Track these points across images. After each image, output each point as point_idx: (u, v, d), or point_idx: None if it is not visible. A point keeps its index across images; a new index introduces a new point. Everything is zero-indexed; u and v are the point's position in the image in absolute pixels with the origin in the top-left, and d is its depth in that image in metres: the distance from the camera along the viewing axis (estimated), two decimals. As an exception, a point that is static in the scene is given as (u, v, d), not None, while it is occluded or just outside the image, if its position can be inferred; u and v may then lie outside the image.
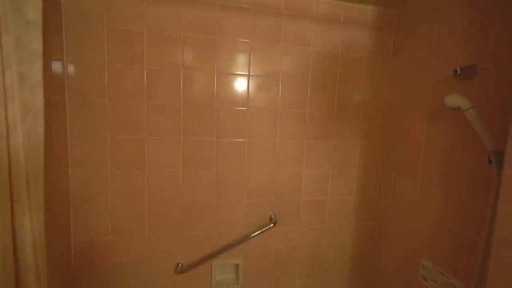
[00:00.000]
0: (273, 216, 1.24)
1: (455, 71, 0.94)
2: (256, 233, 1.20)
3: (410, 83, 1.21)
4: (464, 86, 0.95)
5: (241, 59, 1.16)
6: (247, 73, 1.17)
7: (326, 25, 1.22)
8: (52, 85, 0.94)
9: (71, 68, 1.02)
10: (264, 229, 1.20)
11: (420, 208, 1.14)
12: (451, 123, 1.00)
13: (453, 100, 0.90)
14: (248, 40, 1.15)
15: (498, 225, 0.65)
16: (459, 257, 0.96)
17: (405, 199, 1.22)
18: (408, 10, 1.22)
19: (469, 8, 0.94)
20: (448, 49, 1.02)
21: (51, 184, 0.90)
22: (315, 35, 1.21)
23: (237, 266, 1.24)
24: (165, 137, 1.13)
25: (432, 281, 1.06)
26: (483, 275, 0.82)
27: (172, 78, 1.11)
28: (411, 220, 1.18)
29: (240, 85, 1.17)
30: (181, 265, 1.18)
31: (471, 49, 0.93)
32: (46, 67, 0.84)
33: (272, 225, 1.21)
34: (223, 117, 1.17)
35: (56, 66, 0.97)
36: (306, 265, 1.35)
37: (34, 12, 0.62)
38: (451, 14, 1.01)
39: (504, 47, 0.83)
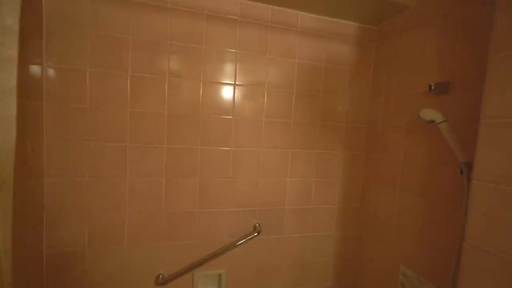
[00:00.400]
0: (257, 225, 1.24)
1: (430, 86, 0.99)
2: (240, 242, 1.19)
3: (390, 97, 1.27)
4: (439, 101, 1.00)
5: (227, 69, 1.17)
6: (233, 83, 1.18)
7: (310, 38, 1.26)
8: (29, 90, 0.90)
9: (50, 73, 0.99)
10: (248, 238, 1.19)
11: (399, 217, 1.17)
12: (427, 135, 1.05)
13: (428, 113, 0.95)
14: (234, 50, 1.17)
15: (467, 233, 0.68)
16: (435, 264, 0.99)
17: (385, 209, 1.26)
18: (387, 28, 1.29)
19: (442, 30, 1.01)
20: (424, 66, 1.08)
21: (23, 194, 0.86)
22: (300, 48, 1.25)
23: (220, 276, 1.22)
24: (149, 144, 1.11)
25: (410, 287, 1.09)
26: (456, 281, 0.86)
27: (157, 85, 1.10)
28: (391, 229, 1.21)
29: (226, 94, 1.18)
30: (162, 276, 1.14)
31: (445, 66, 0.99)
32: (23, 71, 0.81)
33: (256, 233, 1.20)
34: (208, 126, 1.17)
35: (35, 71, 0.94)
36: (290, 273, 1.35)
37: (11, 17, 0.60)
38: (426, 34, 1.08)
39: (473, 66, 0.89)
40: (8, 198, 0.67)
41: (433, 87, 0.98)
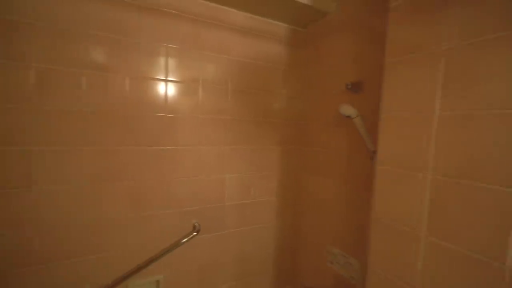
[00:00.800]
0: (196, 224, 1.21)
1: (347, 85, 1.13)
2: (179, 244, 1.14)
3: (317, 94, 1.39)
4: (355, 98, 1.15)
5: (158, 63, 1.10)
6: (165, 78, 1.12)
7: (245, 36, 1.28)
8: None
9: None
10: (187, 238, 1.16)
11: (327, 203, 1.31)
12: (347, 129, 1.18)
13: (345, 109, 1.08)
14: (165, 44, 1.11)
15: (373, 209, 0.81)
16: (356, 241, 1.14)
17: (316, 197, 1.39)
18: (313, 31, 1.41)
19: (357, 36, 1.15)
20: (343, 67, 1.22)
21: None
22: (235, 45, 1.26)
23: (158, 282, 1.16)
24: (65, 147, 0.97)
25: (336, 263, 1.23)
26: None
27: (75, 80, 0.96)
28: (321, 214, 1.35)
29: (158, 90, 1.11)
30: None
31: (359, 68, 1.14)
32: None
33: (195, 233, 1.18)
34: (140, 124, 1.08)
35: None
36: (233, 269, 1.37)
37: None
38: (344, 39, 1.22)
39: (381, 68, 1.04)
40: None
41: (349, 86, 1.12)
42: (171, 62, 1.13)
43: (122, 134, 1.05)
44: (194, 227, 1.21)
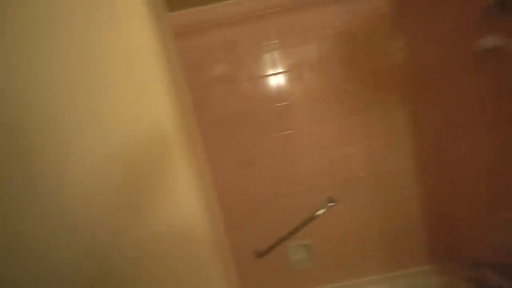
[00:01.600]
0: (332, 196, 1.32)
1: (487, 7, 0.86)
2: (318, 215, 1.29)
3: (442, 32, 1.12)
4: (500, 23, 0.87)
5: (266, 61, 1.28)
6: (274, 72, 1.28)
7: (334, 3, 1.24)
8: None
9: None
10: (325, 209, 1.29)
11: (481, 160, 1.06)
12: (492, 66, 0.92)
13: (488, 41, 0.85)
14: (267, 43, 1.26)
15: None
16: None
17: (463, 155, 1.15)
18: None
19: None
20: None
21: None
22: (327, 16, 1.24)
23: (308, 245, 1.37)
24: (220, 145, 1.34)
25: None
26: None
27: (213, 94, 1.31)
28: (477, 175, 1.11)
29: (271, 84, 1.29)
30: (258, 250, 1.34)
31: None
32: None
33: (332, 203, 1.28)
34: (264, 117, 1.30)
35: None
36: (376, 238, 1.38)
37: None
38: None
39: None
40: None
41: (491, 8, 0.85)
42: (279, 55, 1.27)
43: (253, 128, 1.31)
44: (330, 199, 1.31)
